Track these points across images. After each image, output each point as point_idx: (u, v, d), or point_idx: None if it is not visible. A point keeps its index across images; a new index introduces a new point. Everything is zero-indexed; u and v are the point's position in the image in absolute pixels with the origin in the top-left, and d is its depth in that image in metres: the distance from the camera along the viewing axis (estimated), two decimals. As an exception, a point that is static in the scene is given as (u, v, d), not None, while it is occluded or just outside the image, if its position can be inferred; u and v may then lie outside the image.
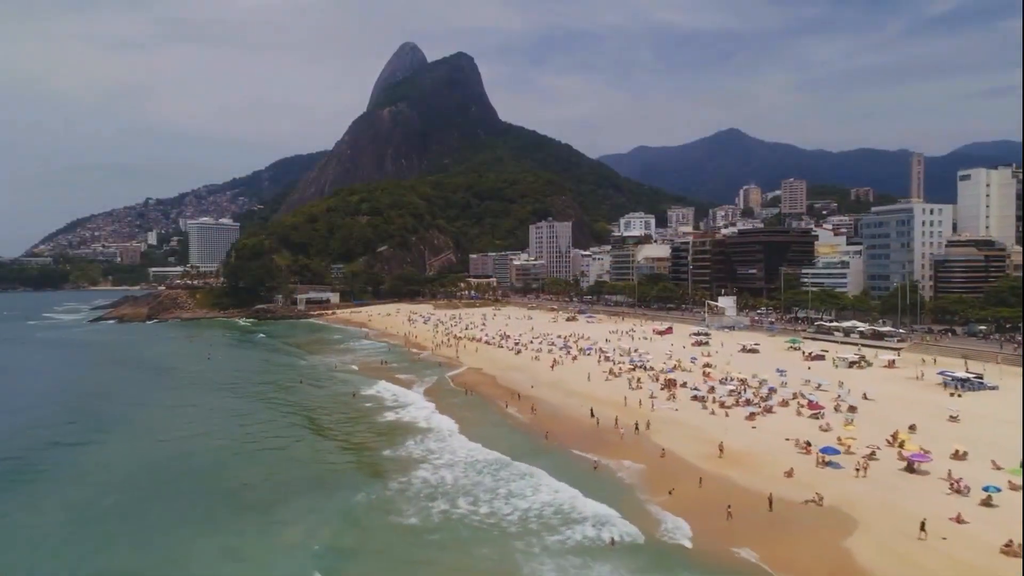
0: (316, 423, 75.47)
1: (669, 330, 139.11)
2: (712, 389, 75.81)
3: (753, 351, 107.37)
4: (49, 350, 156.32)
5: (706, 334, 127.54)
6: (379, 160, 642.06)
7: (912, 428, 57.54)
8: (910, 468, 48.19)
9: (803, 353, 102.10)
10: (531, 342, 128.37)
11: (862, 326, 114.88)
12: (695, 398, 73.15)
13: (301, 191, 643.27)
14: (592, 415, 69.19)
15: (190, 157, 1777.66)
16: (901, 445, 52.64)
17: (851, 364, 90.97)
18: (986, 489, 41.95)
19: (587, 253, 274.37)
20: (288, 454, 62.17)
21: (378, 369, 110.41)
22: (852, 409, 64.93)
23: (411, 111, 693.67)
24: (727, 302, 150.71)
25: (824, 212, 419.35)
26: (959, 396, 71.09)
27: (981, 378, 75.29)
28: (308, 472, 56.17)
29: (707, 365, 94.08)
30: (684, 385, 79.64)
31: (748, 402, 69.53)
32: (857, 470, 47.94)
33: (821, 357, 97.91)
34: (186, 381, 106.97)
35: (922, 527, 37.12)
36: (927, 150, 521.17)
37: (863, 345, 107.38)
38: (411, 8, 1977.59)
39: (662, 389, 78.17)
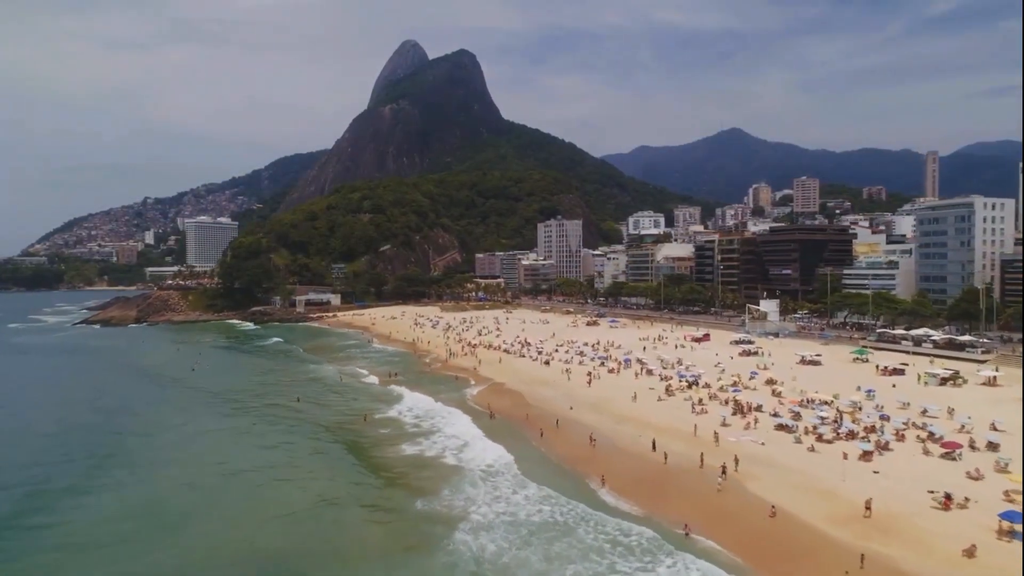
0: (320, 459, 61.04)
1: (707, 337, 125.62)
2: (798, 415, 62.47)
3: (814, 363, 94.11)
4: (23, 358, 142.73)
5: (750, 342, 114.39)
6: (380, 158, 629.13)
7: (1096, 477, 44.14)
8: None
9: (876, 367, 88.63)
10: (556, 350, 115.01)
11: (935, 334, 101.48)
12: (780, 427, 59.80)
13: (301, 190, 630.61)
14: (654, 448, 56.01)
15: (189, 157, 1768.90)
16: (1099, 505, 39.40)
17: (943, 381, 77.64)
18: None
19: (600, 253, 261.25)
20: (282, 509, 48.28)
21: (388, 383, 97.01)
22: (992, 446, 51.62)
23: (412, 109, 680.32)
24: (769, 306, 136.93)
25: (837, 211, 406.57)
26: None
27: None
28: (310, 541, 42.68)
29: (770, 381, 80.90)
30: (759, 408, 66.28)
31: (852, 434, 56.05)
32: (1070, 548, 34.69)
33: (901, 372, 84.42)
34: (169, 396, 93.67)
35: None
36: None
37: (937, 356, 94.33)
38: (411, 8, 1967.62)
39: (734, 414, 64.87)
